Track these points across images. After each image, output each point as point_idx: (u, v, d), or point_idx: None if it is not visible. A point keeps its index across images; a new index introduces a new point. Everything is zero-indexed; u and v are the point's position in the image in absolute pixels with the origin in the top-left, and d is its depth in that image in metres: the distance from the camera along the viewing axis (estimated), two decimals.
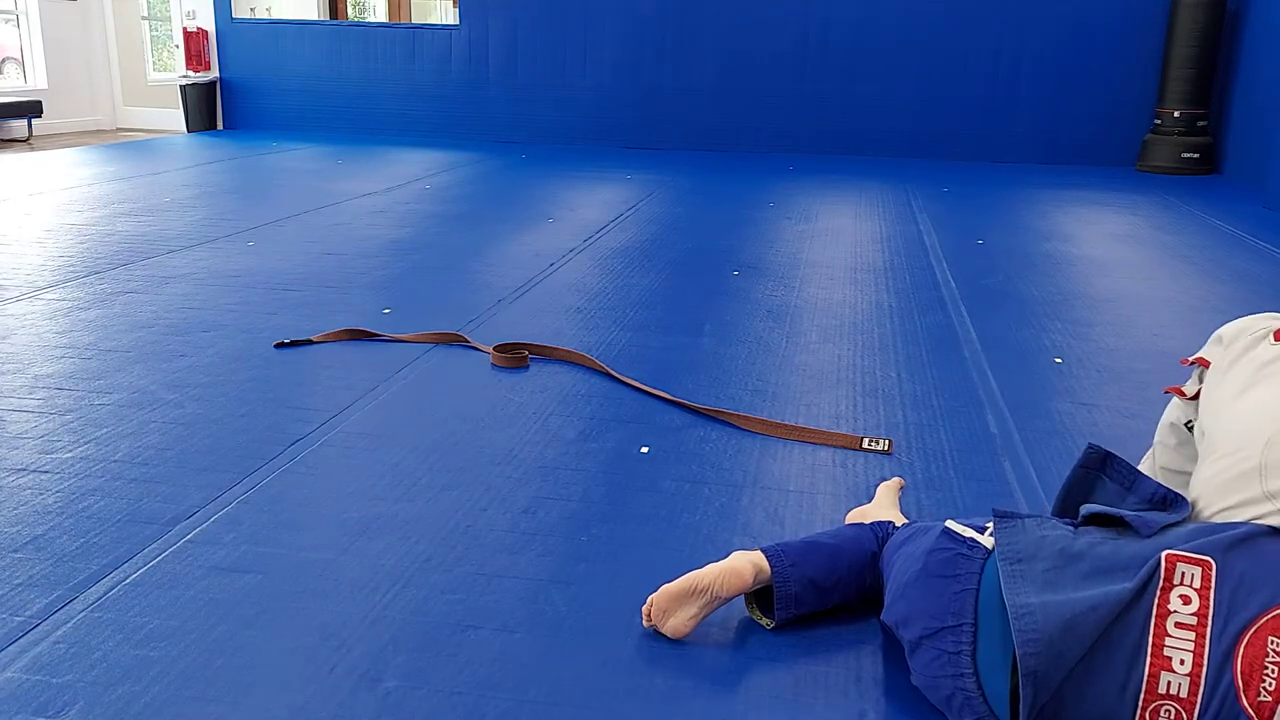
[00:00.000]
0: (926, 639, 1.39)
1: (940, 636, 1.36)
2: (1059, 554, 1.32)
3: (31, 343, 3.13)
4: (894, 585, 1.51)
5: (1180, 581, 1.22)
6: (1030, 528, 1.38)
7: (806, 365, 3.08)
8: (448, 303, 3.71)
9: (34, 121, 9.06)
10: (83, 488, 2.13)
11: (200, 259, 4.33)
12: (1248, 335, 1.56)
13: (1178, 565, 1.23)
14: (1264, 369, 1.47)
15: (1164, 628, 1.21)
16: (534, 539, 1.96)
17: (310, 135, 9.37)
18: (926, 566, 1.42)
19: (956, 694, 1.36)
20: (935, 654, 1.37)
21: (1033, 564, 1.31)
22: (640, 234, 5.12)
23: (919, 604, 1.41)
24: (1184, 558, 1.24)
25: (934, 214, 5.89)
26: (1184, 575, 1.22)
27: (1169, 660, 1.19)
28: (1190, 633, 1.19)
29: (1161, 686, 1.19)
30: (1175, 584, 1.22)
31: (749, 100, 8.91)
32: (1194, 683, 1.18)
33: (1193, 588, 1.21)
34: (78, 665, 1.54)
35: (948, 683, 1.36)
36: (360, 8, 13.92)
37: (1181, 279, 4.38)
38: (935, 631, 1.37)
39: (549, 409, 2.65)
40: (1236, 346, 1.55)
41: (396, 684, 1.51)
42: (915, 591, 1.43)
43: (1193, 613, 1.20)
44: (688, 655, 1.60)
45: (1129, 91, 8.28)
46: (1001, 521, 1.40)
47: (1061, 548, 1.33)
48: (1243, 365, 1.51)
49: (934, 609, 1.38)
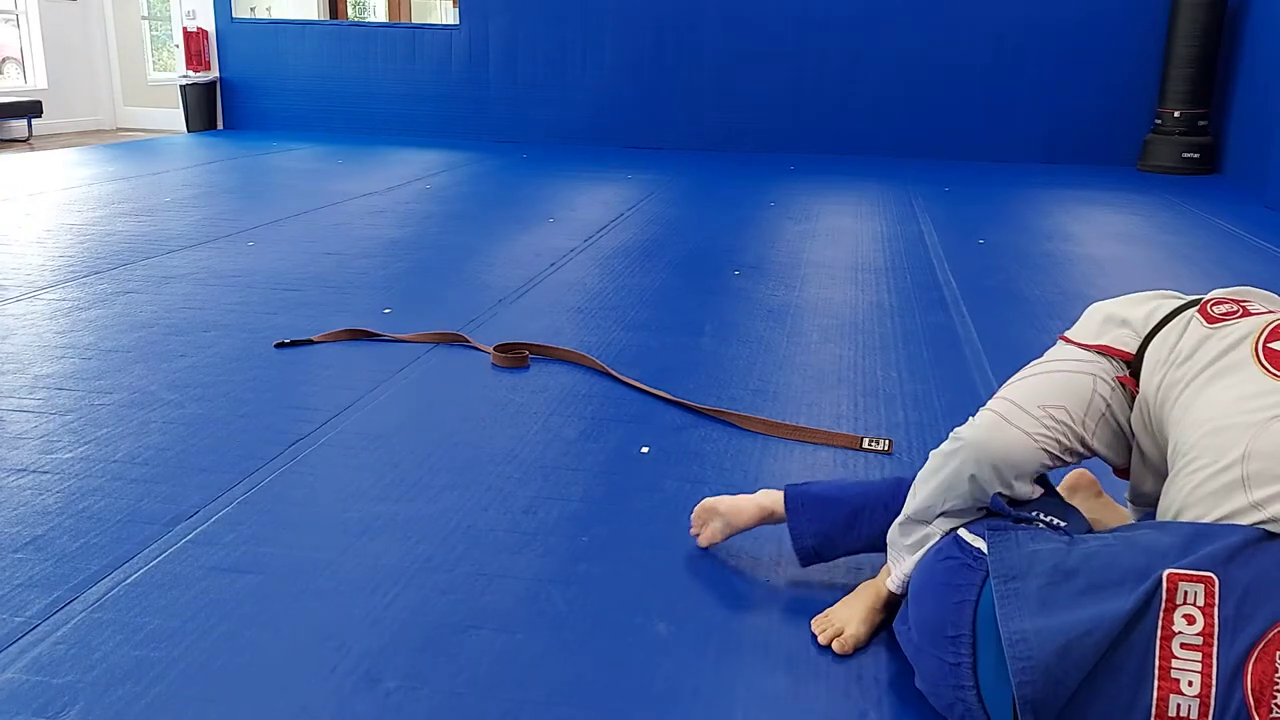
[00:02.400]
0: (929, 646, 1.39)
1: (941, 645, 1.36)
2: (1052, 570, 1.29)
3: (31, 343, 3.13)
4: (910, 586, 1.53)
5: (1183, 601, 1.19)
6: (1023, 541, 1.35)
7: (807, 365, 3.08)
8: (448, 303, 3.71)
9: (34, 121, 9.05)
10: (83, 488, 2.13)
11: (200, 259, 4.33)
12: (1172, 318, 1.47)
13: (1179, 584, 1.20)
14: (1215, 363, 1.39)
15: (1170, 649, 1.18)
16: (534, 539, 1.95)
17: (310, 135, 9.37)
18: (933, 574, 1.43)
19: (957, 704, 1.36)
20: (937, 662, 1.37)
21: (1026, 581, 1.29)
22: (641, 234, 5.12)
23: (923, 610, 1.42)
24: (1185, 575, 1.20)
25: (935, 214, 5.89)
26: (1186, 594, 1.19)
27: (1176, 682, 1.17)
28: (1197, 653, 1.17)
29: (1171, 709, 1.16)
30: (1178, 604, 1.19)
31: (749, 100, 8.90)
32: (1204, 704, 1.15)
33: (1196, 606, 1.19)
34: (78, 666, 1.54)
35: (949, 692, 1.36)
36: (360, 8, 13.91)
37: (1183, 279, 4.38)
38: (936, 640, 1.37)
39: (549, 409, 2.65)
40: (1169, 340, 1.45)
41: (396, 684, 1.51)
42: (921, 597, 1.44)
43: (1198, 632, 1.17)
44: (688, 655, 1.60)
45: (1130, 91, 8.27)
46: (994, 536, 1.37)
47: (1055, 564, 1.29)
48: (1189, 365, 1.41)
49: (935, 618, 1.38)
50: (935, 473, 1.53)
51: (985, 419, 1.50)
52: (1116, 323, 1.54)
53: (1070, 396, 1.49)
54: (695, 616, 1.70)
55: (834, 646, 1.61)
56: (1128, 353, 1.50)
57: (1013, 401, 1.50)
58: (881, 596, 1.66)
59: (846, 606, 1.67)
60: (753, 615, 1.72)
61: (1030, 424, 1.46)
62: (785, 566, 1.87)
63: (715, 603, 1.75)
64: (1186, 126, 7.80)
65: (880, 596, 1.66)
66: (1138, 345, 1.50)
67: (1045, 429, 1.46)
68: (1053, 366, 1.54)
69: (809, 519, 1.74)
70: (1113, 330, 1.54)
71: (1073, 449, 1.49)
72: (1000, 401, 1.52)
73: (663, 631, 1.66)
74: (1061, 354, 1.57)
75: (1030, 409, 1.47)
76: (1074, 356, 1.54)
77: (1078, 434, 1.49)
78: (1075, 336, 1.59)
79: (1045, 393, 1.50)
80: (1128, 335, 1.52)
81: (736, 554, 1.91)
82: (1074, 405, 1.48)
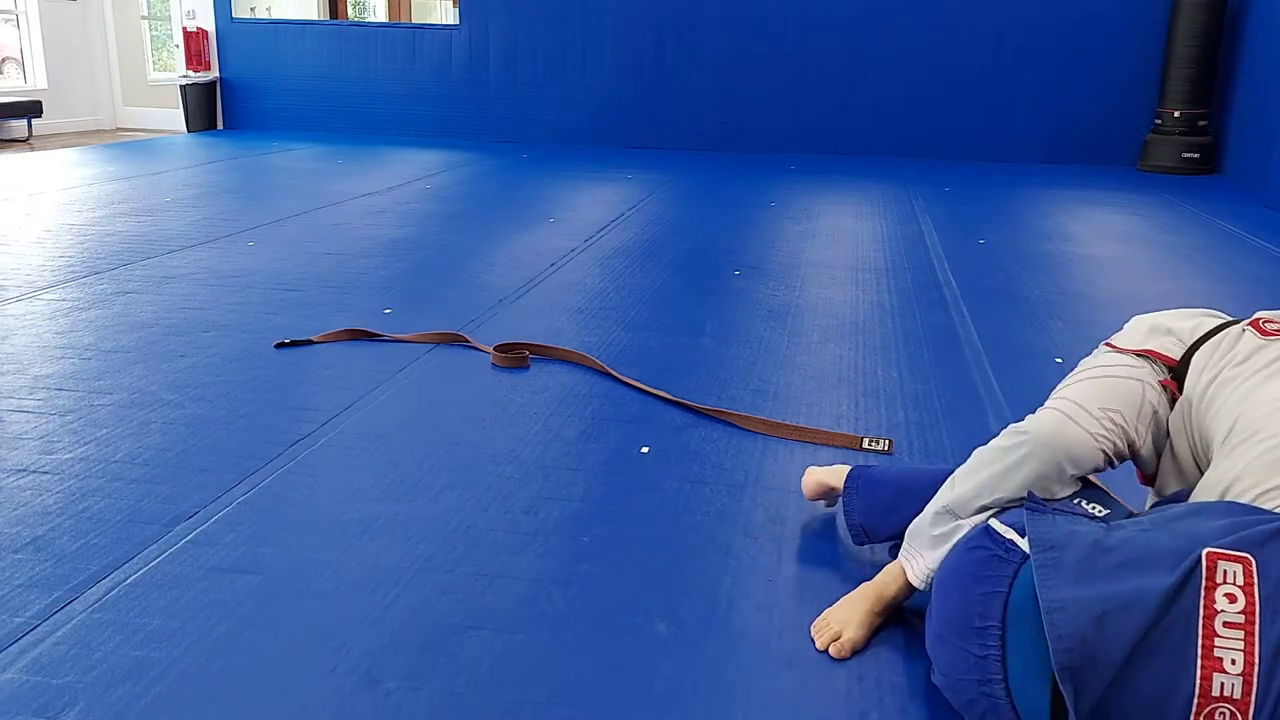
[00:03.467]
0: (953, 638, 1.36)
1: (966, 637, 1.34)
2: (1091, 545, 1.29)
3: (31, 343, 3.13)
4: (935, 579, 1.51)
5: (1224, 579, 1.19)
6: (1060, 523, 1.35)
7: (807, 365, 3.08)
8: (448, 303, 3.70)
9: (34, 121, 9.05)
10: (83, 488, 2.13)
11: (200, 259, 4.33)
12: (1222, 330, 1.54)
13: (1219, 563, 1.20)
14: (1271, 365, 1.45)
15: (1213, 628, 1.17)
16: (534, 539, 1.95)
17: (310, 135, 9.37)
18: (960, 564, 1.41)
19: (980, 699, 1.33)
20: (961, 654, 1.34)
21: (1065, 552, 1.29)
22: (641, 234, 5.12)
23: (948, 601, 1.40)
24: (1224, 555, 1.20)
25: (935, 214, 5.89)
26: (1226, 573, 1.19)
27: (1220, 661, 1.16)
28: (1239, 631, 1.16)
29: (1215, 689, 1.16)
30: (1219, 582, 1.19)
31: (749, 100, 8.90)
32: (1246, 682, 1.15)
33: (1237, 585, 1.19)
34: (78, 666, 1.54)
35: (971, 687, 1.33)
36: (360, 8, 13.91)
37: (1183, 279, 4.38)
38: (961, 631, 1.35)
39: (550, 409, 2.65)
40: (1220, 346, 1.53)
41: (396, 684, 1.51)
42: (947, 587, 1.42)
43: (1240, 610, 1.17)
44: (688, 655, 1.60)
45: (1130, 91, 8.27)
46: (1033, 513, 1.37)
47: (1094, 540, 1.30)
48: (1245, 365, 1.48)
49: (961, 609, 1.36)
50: (988, 464, 1.56)
51: (1049, 415, 1.55)
52: (1162, 331, 1.61)
53: (1123, 401, 1.55)
54: (695, 616, 1.70)
55: (831, 651, 1.60)
56: (1172, 359, 1.58)
57: (1074, 401, 1.55)
58: (882, 599, 1.65)
59: (844, 609, 1.66)
60: (753, 615, 1.71)
61: (1092, 424, 1.52)
62: (785, 566, 1.87)
63: (715, 603, 1.75)
64: (1186, 126, 7.80)
65: (880, 599, 1.65)
66: (1182, 352, 1.57)
67: (1105, 430, 1.52)
68: (1104, 371, 1.60)
69: (859, 498, 1.85)
70: (1159, 338, 1.61)
71: (1121, 453, 1.56)
72: (1061, 401, 1.57)
73: (663, 631, 1.66)
74: (1109, 360, 1.63)
75: (1092, 409, 1.53)
76: (1122, 362, 1.61)
77: (1129, 438, 1.55)
78: (1120, 343, 1.65)
79: (1102, 396, 1.55)
80: (1172, 343, 1.60)
81: (737, 554, 1.91)
82: (1128, 410, 1.55)
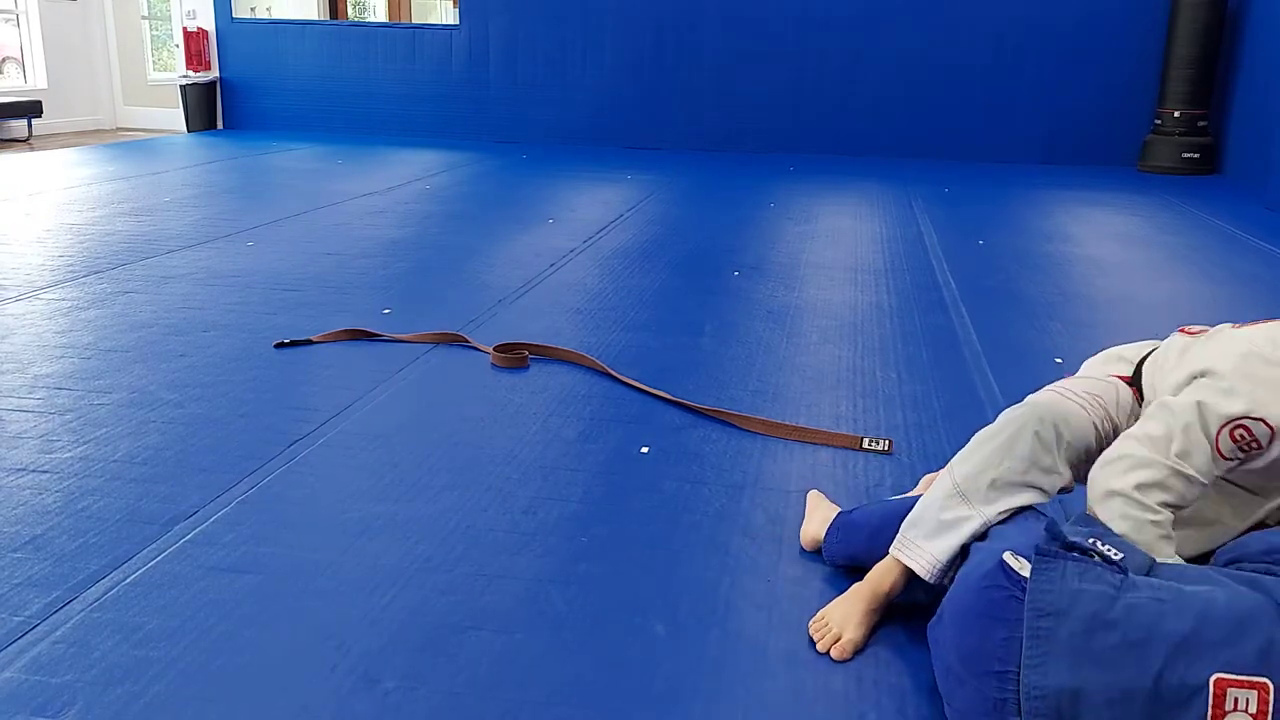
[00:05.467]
0: (970, 678, 1.33)
1: (984, 679, 1.31)
2: (1091, 618, 1.24)
3: (31, 343, 3.13)
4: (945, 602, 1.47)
5: (1234, 708, 1.15)
6: (1069, 575, 1.30)
7: (807, 366, 3.08)
8: (448, 303, 3.70)
9: (34, 121, 9.05)
10: (82, 488, 2.13)
11: (200, 259, 4.33)
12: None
13: (1229, 690, 1.15)
14: (1188, 349, 1.62)
15: None
16: (534, 539, 1.95)
17: (310, 135, 9.37)
18: (977, 603, 1.37)
19: None
20: (976, 696, 1.32)
21: (1060, 622, 1.25)
22: (641, 234, 5.12)
23: (967, 639, 1.36)
24: (1236, 682, 1.15)
25: (934, 214, 5.89)
26: (1237, 701, 1.14)
27: None
28: None
29: None
30: (1228, 710, 1.15)
31: (749, 100, 8.90)
32: None
33: (1248, 714, 1.14)
34: (76, 665, 1.54)
35: None
36: (360, 8, 13.91)
37: (1182, 279, 4.38)
38: (979, 674, 1.32)
39: (549, 409, 2.65)
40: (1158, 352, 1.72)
41: (396, 684, 1.51)
42: (966, 622, 1.38)
43: None
44: (688, 655, 1.60)
45: (1130, 91, 8.27)
46: (1040, 562, 1.32)
47: (1095, 611, 1.25)
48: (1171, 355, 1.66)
49: (980, 649, 1.33)
50: (991, 438, 1.64)
51: (1045, 392, 1.69)
52: (1114, 359, 1.81)
53: (1105, 394, 1.70)
54: (694, 617, 1.70)
55: (833, 653, 1.60)
56: (1127, 376, 1.75)
57: (1066, 386, 1.70)
58: (878, 596, 1.65)
59: (842, 608, 1.66)
60: (753, 615, 1.71)
61: (1085, 402, 1.65)
62: (785, 566, 1.87)
63: (715, 603, 1.75)
64: (1186, 127, 7.80)
65: (876, 596, 1.65)
66: (1132, 370, 1.76)
67: (1094, 407, 1.65)
68: (1082, 375, 1.80)
69: (836, 541, 1.85)
70: (1114, 364, 1.80)
71: (1107, 433, 1.65)
72: (1054, 385, 1.72)
73: (662, 631, 1.66)
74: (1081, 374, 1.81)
75: (1081, 394, 1.67)
76: (1093, 375, 1.79)
77: (1114, 423, 1.66)
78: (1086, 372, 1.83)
79: (1086, 386, 1.71)
80: (1125, 365, 1.78)
81: (736, 554, 1.91)
82: (1109, 400, 1.69)
